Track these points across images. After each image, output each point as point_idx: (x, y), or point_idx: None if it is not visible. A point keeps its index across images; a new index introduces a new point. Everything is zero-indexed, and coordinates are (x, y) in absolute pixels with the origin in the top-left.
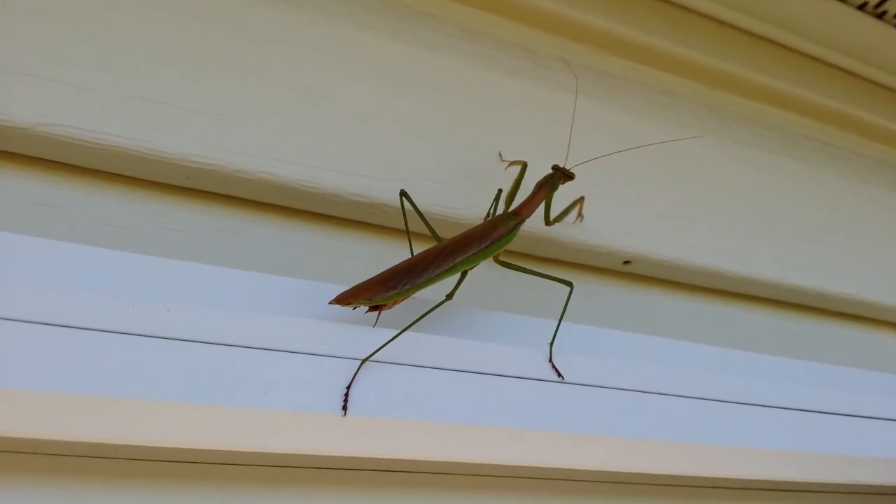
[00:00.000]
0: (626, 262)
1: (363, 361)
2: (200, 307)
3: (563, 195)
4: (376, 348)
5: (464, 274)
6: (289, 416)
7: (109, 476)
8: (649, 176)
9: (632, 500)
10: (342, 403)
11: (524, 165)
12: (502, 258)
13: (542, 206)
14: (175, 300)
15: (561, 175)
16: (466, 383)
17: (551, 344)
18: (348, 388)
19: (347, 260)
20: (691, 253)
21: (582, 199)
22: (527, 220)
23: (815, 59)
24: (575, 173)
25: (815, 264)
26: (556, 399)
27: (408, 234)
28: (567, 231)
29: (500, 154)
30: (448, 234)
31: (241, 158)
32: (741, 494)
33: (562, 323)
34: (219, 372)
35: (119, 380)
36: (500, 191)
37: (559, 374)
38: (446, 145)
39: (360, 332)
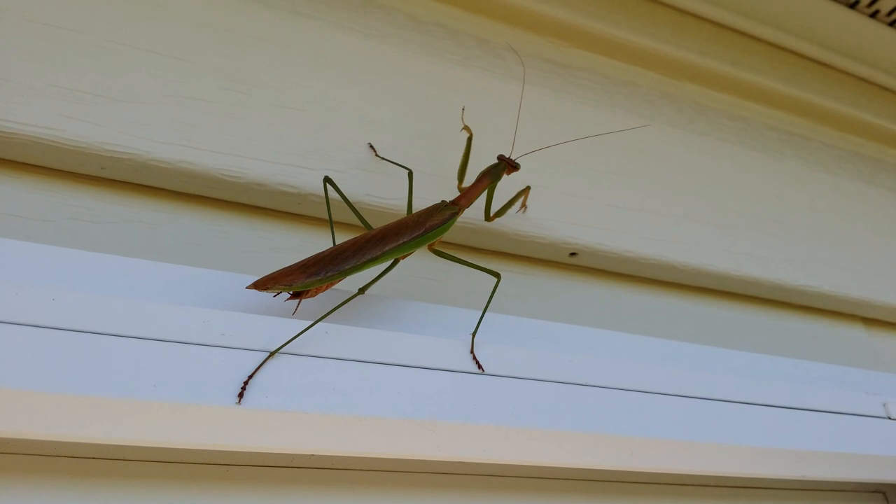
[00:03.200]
0: (573, 254)
1: (271, 354)
2: (87, 295)
3: (506, 185)
4: (285, 341)
5: (394, 263)
6: (177, 408)
7: None
8: (598, 165)
9: (556, 496)
10: (237, 393)
11: (469, 136)
12: (437, 247)
13: (483, 197)
14: (64, 289)
15: (506, 165)
16: (379, 375)
17: (473, 334)
18: (249, 377)
19: (274, 252)
20: (641, 244)
21: (528, 188)
22: (465, 210)
23: (780, 48)
24: (520, 164)
25: (773, 255)
26: (476, 391)
27: (331, 223)
28: (510, 222)
29: (370, 145)
30: (379, 225)
31: (159, 147)
32: (678, 490)
33: (487, 314)
34: (103, 363)
35: None
36: (410, 172)
37: (479, 367)
38: (385, 135)
39: (268, 324)
